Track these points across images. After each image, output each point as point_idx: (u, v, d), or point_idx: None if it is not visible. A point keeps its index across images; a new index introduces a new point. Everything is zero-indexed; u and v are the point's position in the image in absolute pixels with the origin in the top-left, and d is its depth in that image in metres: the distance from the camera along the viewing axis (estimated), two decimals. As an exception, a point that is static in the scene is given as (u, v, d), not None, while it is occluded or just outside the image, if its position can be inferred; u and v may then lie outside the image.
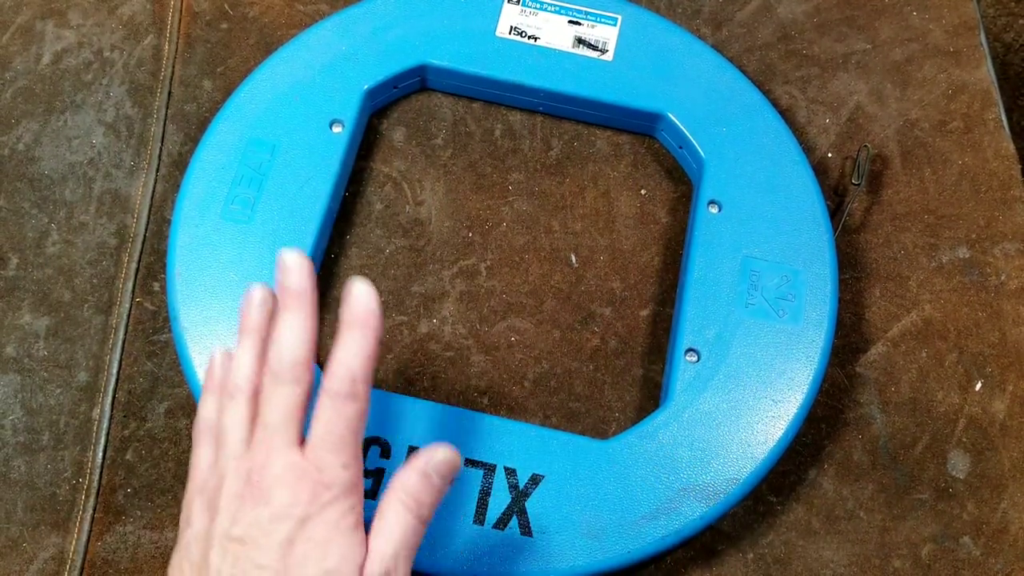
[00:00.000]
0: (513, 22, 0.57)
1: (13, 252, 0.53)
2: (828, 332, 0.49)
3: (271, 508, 0.35)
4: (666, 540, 0.45)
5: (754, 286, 0.50)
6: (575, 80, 0.55)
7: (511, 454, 0.46)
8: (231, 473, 0.37)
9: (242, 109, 0.54)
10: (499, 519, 0.45)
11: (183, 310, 0.48)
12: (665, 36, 0.57)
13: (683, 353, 0.49)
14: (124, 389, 0.50)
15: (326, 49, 0.55)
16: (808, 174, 0.53)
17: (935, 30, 0.62)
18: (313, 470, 0.36)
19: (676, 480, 0.46)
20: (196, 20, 0.60)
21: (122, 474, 0.49)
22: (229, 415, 0.38)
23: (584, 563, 0.44)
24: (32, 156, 0.56)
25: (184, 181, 0.52)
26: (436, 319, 0.52)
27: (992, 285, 0.54)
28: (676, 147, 0.56)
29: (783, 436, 0.47)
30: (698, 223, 0.52)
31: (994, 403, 0.52)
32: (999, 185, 0.57)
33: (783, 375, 0.48)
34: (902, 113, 0.59)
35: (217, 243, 0.50)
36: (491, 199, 0.55)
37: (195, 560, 0.36)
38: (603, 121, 0.57)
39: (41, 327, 0.51)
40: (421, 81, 0.57)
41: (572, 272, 0.54)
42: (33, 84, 0.58)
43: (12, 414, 0.50)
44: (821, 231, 0.52)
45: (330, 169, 0.52)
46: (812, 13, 0.62)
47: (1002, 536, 0.49)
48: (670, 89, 0.55)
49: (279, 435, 0.36)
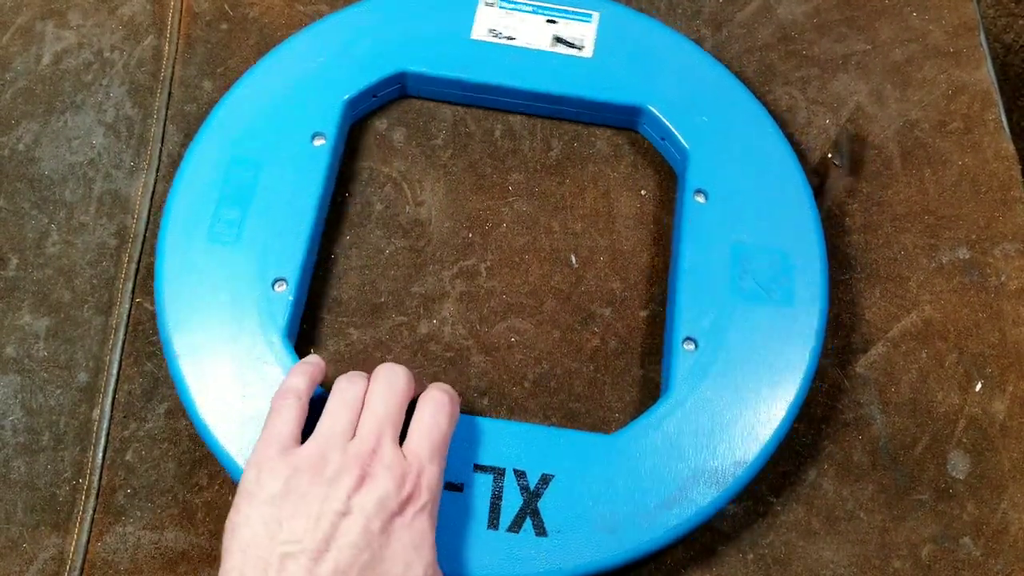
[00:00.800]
0: (489, 24, 0.57)
1: (13, 252, 0.53)
2: (822, 310, 0.50)
3: (376, 495, 0.39)
4: (681, 527, 0.45)
5: (745, 271, 0.51)
6: (554, 79, 0.56)
7: (519, 456, 0.46)
8: (337, 452, 0.40)
9: (222, 128, 0.53)
10: (513, 522, 0.45)
11: (175, 336, 0.48)
12: (642, 30, 0.58)
13: (681, 343, 0.49)
14: (124, 390, 0.50)
15: (303, 62, 0.55)
16: (790, 156, 0.54)
17: (935, 31, 0.62)
18: (414, 472, 0.40)
19: (685, 467, 0.46)
20: (196, 21, 0.60)
21: (122, 475, 0.49)
22: (344, 391, 0.43)
23: (602, 558, 0.44)
24: (32, 157, 0.56)
25: (167, 205, 0.51)
26: (436, 320, 0.52)
27: (992, 286, 0.54)
28: (659, 139, 0.56)
29: (786, 417, 0.48)
30: (686, 213, 0.52)
31: (994, 404, 0.52)
32: (999, 186, 0.57)
33: (781, 356, 0.49)
34: (902, 114, 0.59)
35: (205, 266, 0.49)
36: (491, 200, 0.55)
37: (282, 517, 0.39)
38: (584, 118, 0.57)
39: (41, 328, 0.51)
40: (400, 88, 0.57)
41: (572, 273, 0.54)
42: (33, 85, 0.58)
43: (12, 415, 0.50)
44: (807, 211, 0.52)
45: (315, 183, 0.52)
46: (812, 14, 0.62)
47: (1002, 537, 0.49)
48: (649, 82, 0.56)
49: (389, 428, 0.41)
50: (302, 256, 0.50)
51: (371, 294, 0.53)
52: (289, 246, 0.50)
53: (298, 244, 0.50)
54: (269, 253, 0.50)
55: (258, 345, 0.48)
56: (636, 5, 0.61)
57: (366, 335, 0.52)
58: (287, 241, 0.50)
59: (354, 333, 0.52)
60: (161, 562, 0.47)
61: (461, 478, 0.45)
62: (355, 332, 0.52)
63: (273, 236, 0.50)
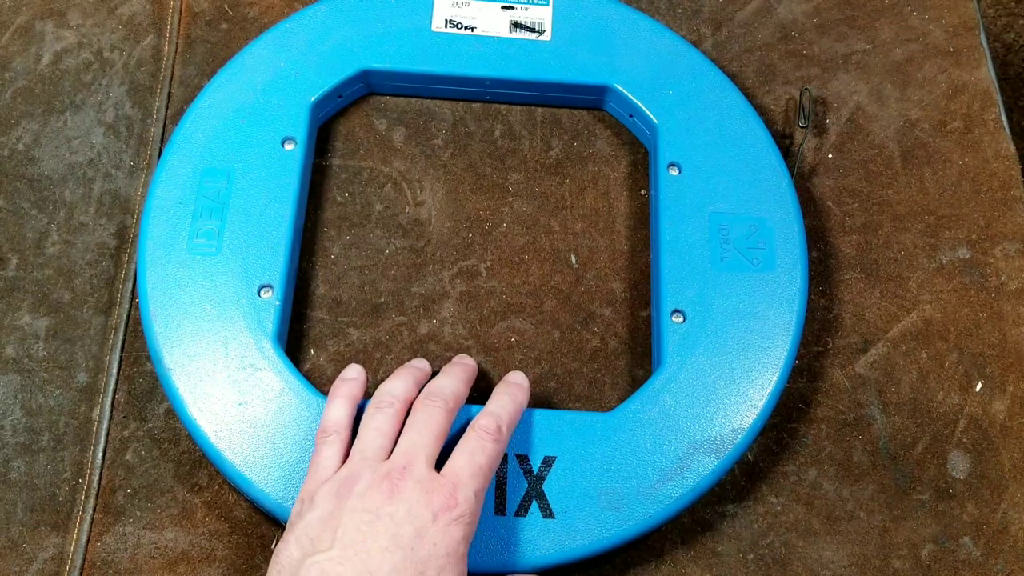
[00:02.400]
0: (447, 15, 0.57)
1: (13, 253, 0.53)
2: (803, 272, 0.51)
3: (406, 505, 0.38)
4: (685, 498, 0.46)
5: (725, 240, 0.51)
6: (517, 64, 0.56)
7: (520, 440, 0.47)
8: (368, 470, 0.40)
9: (190, 141, 0.53)
10: (519, 506, 0.45)
11: (165, 351, 0.48)
12: (600, 9, 0.58)
13: (669, 316, 0.49)
14: (124, 390, 0.50)
15: (265, 68, 0.55)
16: (758, 123, 0.55)
17: (935, 30, 0.62)
18: (449, 485, 0.40)
19: (684, 439, 0.47)
20: (196, 20, 0.60)
21: (122, 475, 0.49)
22: (376, 421, 0.43)
23: (609, 535, 0.45)
24: (32, 156, 0.56)
25: (143, 223, 0.51)
26: (436, 320, 0.52)
27: (992, 286, 0.54)
28: (626, 116, 0.57)
29: (778, 380, 0.48)
30: (661, 187, 0.53)
31: (994, 404, 0.52)
32: (999, 185, 0.57)
33: (767, 321, 0.49)
34: (902, 113, 0.59)
35: (188, 280, 0.49)
36: (491, 199, 0.55)
37: (314, 535, 0.39)
38: (550, 101, 0.58)
39: (41, 328, 0.51)
40: (365, 86, 0.57)
41: (572, 273, 0.54)
42: (33, 84, 0.58)
43: (12, 415, 0.50)
44: (780, 176, 0.53)
45: (290, 187, 0.52)
46: (812, 13, 0.62)
47: (1002, 537, 0.49)
48: (612, 60, 0.56)
49: (423, 450, 0.41)
50: (285, 261, 0.50)
51: (371, 294, 0.53)
52: (271, 252, 0.50)
53: (280, 249, 0.50)
54: (252, 261, 0.50)
55: (250, 353, 0.48)
56: (636, 4, 0.61)
57: (366, 335, 0.51)
58: (268, 247, 0.50)
59: (354, 333, 0.52)
60: (161, 562, 0.47)
61: None
62: (355, 332, 0.52)
63: (254, 243, 0.50)
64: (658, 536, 0.48)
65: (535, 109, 0.58)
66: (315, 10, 0.57)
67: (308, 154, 0.54)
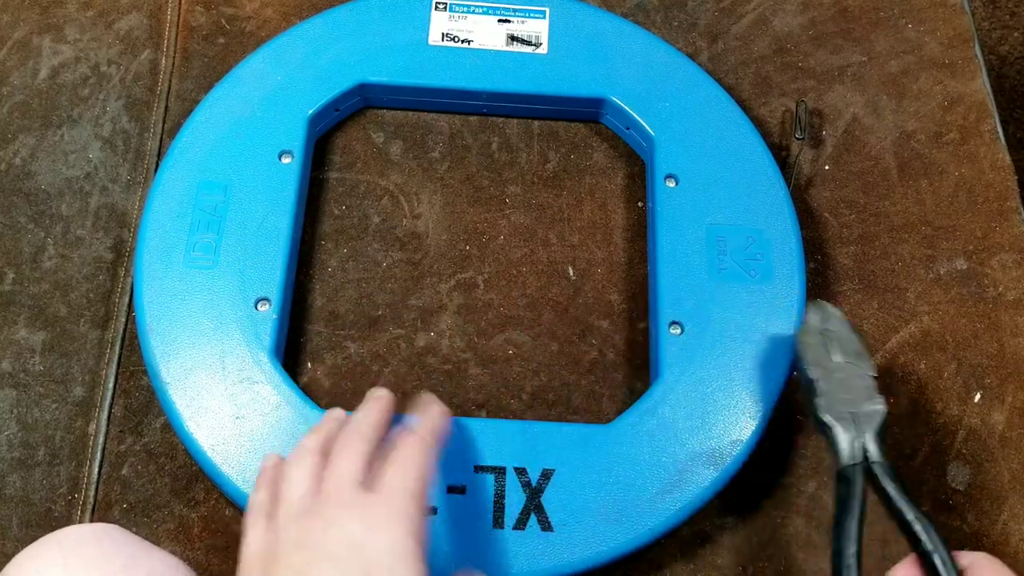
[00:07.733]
0: (444, 28, 0.57)
1: (9, 267, 0.53)
2: (800, 284, 0.51)
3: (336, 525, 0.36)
4: (683, 511, 0.46)
5: (723, 252, 0.51)
6: (514, 77, 0.56)
7: (518, 454, 0.46)
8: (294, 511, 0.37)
9: (187, 154, 0.53)
10: (518, 519, 0.45)
11: (162, 364, 0.48)
12: (596, 22, 0.58)
13: (667, 327, 0.49)
14: (120, 404, 0.50)
15: (262, 82, 0.55)
16: (754, 135, 0.55)
17: (930, 42, 0.62)
18: (384, 499, 0.37)
19: (682, 451, 0.47)
20: (193, 35, 0.60)
21: (118, 489, 0.48)
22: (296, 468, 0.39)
23: (607, 548, 0.45)
24: (29, 171, 0.56)
25: (139, 236, 0.51)
26: (434, 332, 0.52)
27: (990, 296, 0.54)
28: (623, 129, 0.57)
29: (775, 391, 0.48)
30: (658, 199, 0.53)
31: (993, 414, 0.52)
32: (996, 196, 0.57)
33: (765, 333, 0.49)
34: (898, 125, 0.59)
35: (185, 293, 0.49)
36: (488, 212, 0.55)
37: None
38: (547, 114, 0.58)
39: (37, 342, 0.51)
40: (362, 100, 0.57)
41: (570, 285, 0.54)
42: (30, 99, 0.58)
43: (7, 429, 0.49)
44: (777, 188, 0.53)
45: (287, 200, 0.52)
46: (808, 26, 0.62)
47: (1002, 548, 0.49)
48: (609, 73, 0.56)
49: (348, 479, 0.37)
50: (282, 274, 0.50)
51: (368, 307, 0.52)
52: (268, 265, 0.50)
53: (277, 263, 0.50)
54: (249, 274, 0.50)
55: (247, 366, 0.48)
56: (632, 17, 0.61)
57: (363, 348, 0.51)
58: (266, 261, 0.50)
59: (351, 346, 0.51)
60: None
61: (463, 480, 0.46)
62: (352, 345, 0.51)
63: (251, 257, 0.50)
64: (657, 549, 0.48)
65: (532, 122, 0.58)
66: (312, 24, 0.57)
67: (305, 167, 0.54)
